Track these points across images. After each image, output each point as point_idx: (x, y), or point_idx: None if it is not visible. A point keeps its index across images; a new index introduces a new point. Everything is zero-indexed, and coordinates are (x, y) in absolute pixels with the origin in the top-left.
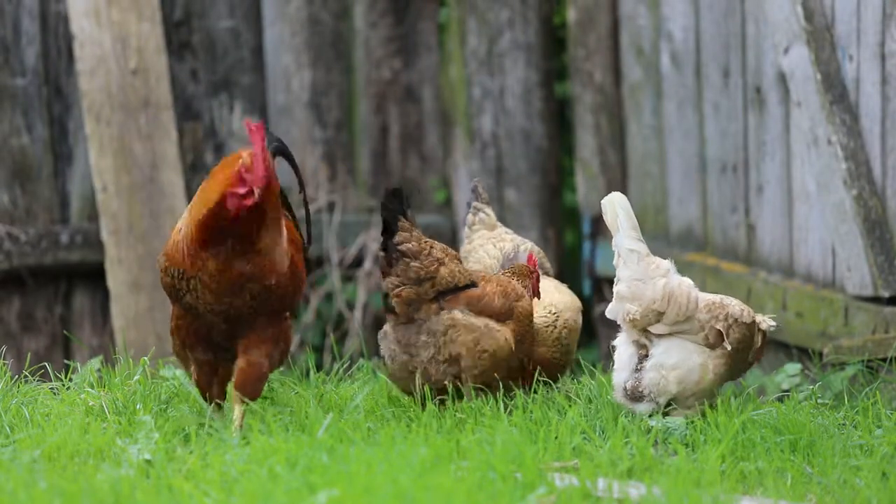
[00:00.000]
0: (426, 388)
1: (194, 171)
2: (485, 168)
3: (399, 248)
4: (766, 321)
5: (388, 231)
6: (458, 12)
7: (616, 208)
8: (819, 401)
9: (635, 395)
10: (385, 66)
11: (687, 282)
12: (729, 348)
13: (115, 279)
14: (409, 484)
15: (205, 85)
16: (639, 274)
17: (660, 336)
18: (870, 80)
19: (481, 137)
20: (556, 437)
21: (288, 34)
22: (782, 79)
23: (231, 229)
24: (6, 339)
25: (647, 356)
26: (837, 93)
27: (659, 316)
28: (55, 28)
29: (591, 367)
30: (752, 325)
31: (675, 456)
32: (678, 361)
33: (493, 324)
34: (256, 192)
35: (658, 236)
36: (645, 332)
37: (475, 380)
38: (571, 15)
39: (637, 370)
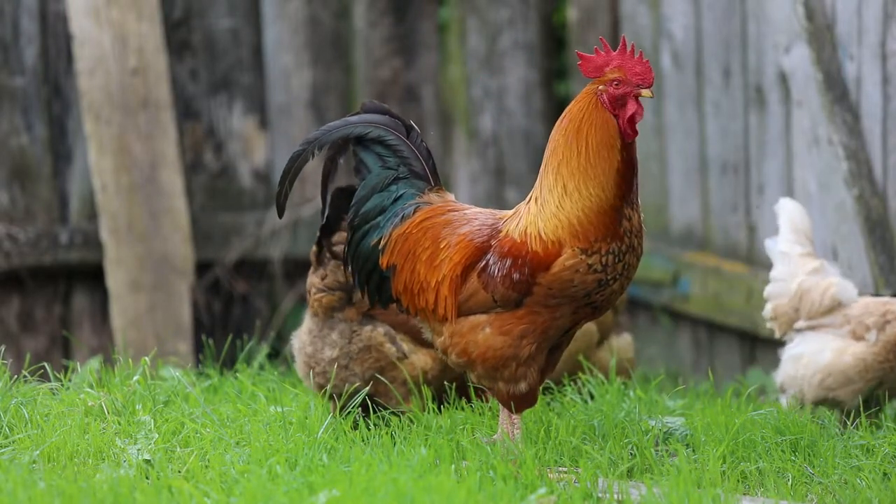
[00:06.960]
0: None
1: (194, 171)
2: (485, 168)
3: (333, 248)
4: None
5: (328, 230)
6: (459, 12)
7: (782, 213)
8: None
9: (782, 389)
10: (385, 66)
11: (830, 281)
12: (871, 339)
13: (115, 279)
14: (409, 484)
15: (204, 85)
16: (784, 275)
17: (799, 331)
18: (871, 80)
19: (481, 137)
20: (556, 437)
21: (288, 34)
22: (783, 78)
23: (630, 159)
24: (5, 339)
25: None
26: (838, 92)
27: (796, 312)
28: (54, 27)
29: (590, 367)
30: None
31: (676, 456)
32: (808, 350)
33: (414, 350)
34: (647, 91)
35: (659, 236)
36: (792, 328)
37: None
38: (572, 14)
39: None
